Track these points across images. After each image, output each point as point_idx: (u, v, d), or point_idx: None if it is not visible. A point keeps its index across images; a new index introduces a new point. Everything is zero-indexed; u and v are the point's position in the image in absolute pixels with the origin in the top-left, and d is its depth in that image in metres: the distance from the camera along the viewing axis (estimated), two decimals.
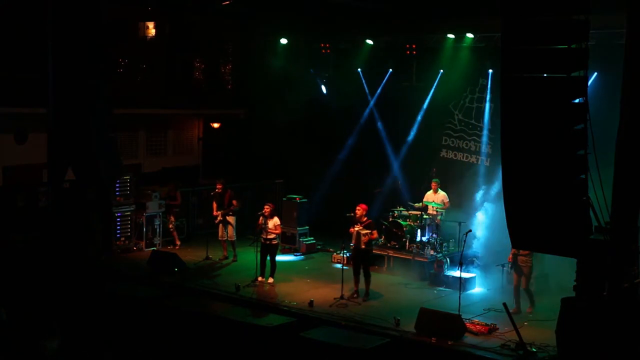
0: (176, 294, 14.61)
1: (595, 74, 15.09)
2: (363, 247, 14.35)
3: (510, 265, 13.71)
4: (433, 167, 17.33)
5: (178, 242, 18.26)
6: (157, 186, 18.67)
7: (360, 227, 14.36)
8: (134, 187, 18.01)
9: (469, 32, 16.94)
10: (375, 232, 14.62)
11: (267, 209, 15.26)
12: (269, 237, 15.23)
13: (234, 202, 16.94)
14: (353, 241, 14.65)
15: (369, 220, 14.51)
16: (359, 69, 19.34)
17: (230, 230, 17.02)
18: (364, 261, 14.44)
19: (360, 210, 14.50)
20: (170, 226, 18.16)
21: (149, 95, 18.65)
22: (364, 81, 19.34)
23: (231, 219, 16.99)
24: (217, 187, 16.93)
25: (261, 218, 15.26)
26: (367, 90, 19.32)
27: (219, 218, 17.00)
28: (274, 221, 15.35)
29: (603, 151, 10.16)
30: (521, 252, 13.25)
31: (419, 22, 17.44)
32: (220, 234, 17.14)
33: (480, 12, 15.36)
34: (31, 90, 15.08)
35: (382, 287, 14.92)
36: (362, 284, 14.46)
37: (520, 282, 13.52)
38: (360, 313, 13.49)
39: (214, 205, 17.09)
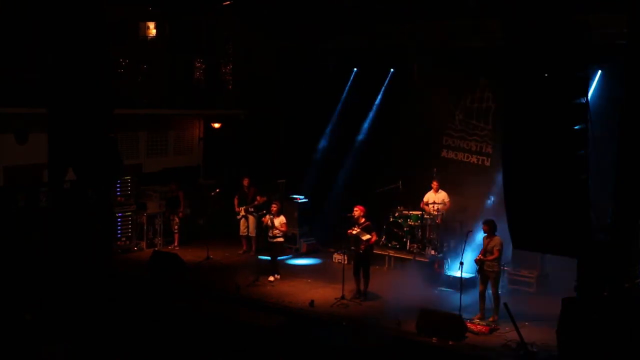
0: (176, 294, 14.61)
1: (599, 72, 15.07)
2: (361, 251, 14.28)
3: (477, 270, 13.34)
4: (434, 167, 17.30)
5: (177, 243, 18.28)
6: (158, 186, 18.71)
7: (358, 230, 14.27)
8: (135, 187, 18.05)
9: (469, 32, 16.90)
10: (374, 235, 14.39)
11: (274, 207, 15.47)
12: (274, 234, 15.34)
13: (259, 197, 17.32)
14: (351, 244, 14.61)
15: (367, 223, 14.32)
16: (359, 69, 19.31)
17: (252, 226, 17.48)
18: (363, 264, 14.37)
19: (357, 211, 14.34)
20: (176, 227, 18.20)
21: (150, 95, 18.62)
22: (363, 81, 19.31)
23: (251, 216, 17.39)
24: (244, 183, 17.64)
25: (268, 216, 15.40)
26: (366, 90, 19.28)
27: (242, 214, 17.49)
28: (280, 220, 15.47)
29: (604, 151, 10.17)
30: (488, 256, 13.03)
31: (419, 22, 17.41)
32: (241, 229, 17.62)
33: (481, 11, 15.34)
34: (31, 90, 15.06)
35: (382, 287, 14.91)
36: (362, 285, 14.45)
37: (486, 287, 13.16)
38: (361, 313, 13.50)
39: (236, 201, 17.65)
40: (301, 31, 19.18)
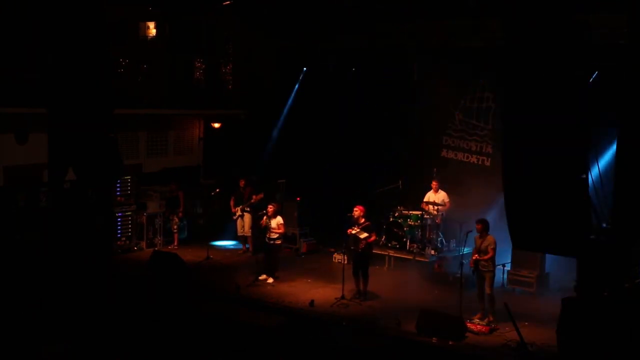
0: (176, 294, 14.60)
1: (596, 73, 15.05)
2: (360, 250, 14.26)
3: (472, 271, 13.22)
4: (434, 167, 17.30)
5: (176, 243, 18.29)
6: (158, 186, 18.71)
7: (358, 230, 14.25)
8: (135, 187, 18.06)
9: (469, 32, 16.90)
10: (373, 235, 14.38)
11: (270, 208, 15.42)
12: (271, 236, 15.30)
13: (254, 196, 17.40)
14: (351, 244, 14.60)
15: (367, 223, 14.29)
16: (359, 69, 19.30)
17: (247, 225, 17.55)
18: (362, 263, 14.36)
19: (357, 211, 14.31)
20: (176, 227, 18.22)
21: (150, 95, 18.63)
22: (364, 81, 19.29)
23: (247, 215, 17.47)
24: (240, 184, 17.76)
25: (265, 217, 15.37)
26: (367, 90, 19.26)
27: (238, 214, 17.62)
28: (277, 220, 15.42)
29: (604, 150, 10.16)
30: (482, 256, 12.97)
31: (419, 22, 17.42)
32: (238, 229, 17.73)
33: (481, 11, 15.34)
34: (31, 90, 15.06)
35: (382, 287, 14.90)
36: (361, 285, 14.44)
37: (482, 288, 13.14)
38: (361, 313, 13.49)
39: (232, 202, 17.79)
40: (301, 31, 19.18)
